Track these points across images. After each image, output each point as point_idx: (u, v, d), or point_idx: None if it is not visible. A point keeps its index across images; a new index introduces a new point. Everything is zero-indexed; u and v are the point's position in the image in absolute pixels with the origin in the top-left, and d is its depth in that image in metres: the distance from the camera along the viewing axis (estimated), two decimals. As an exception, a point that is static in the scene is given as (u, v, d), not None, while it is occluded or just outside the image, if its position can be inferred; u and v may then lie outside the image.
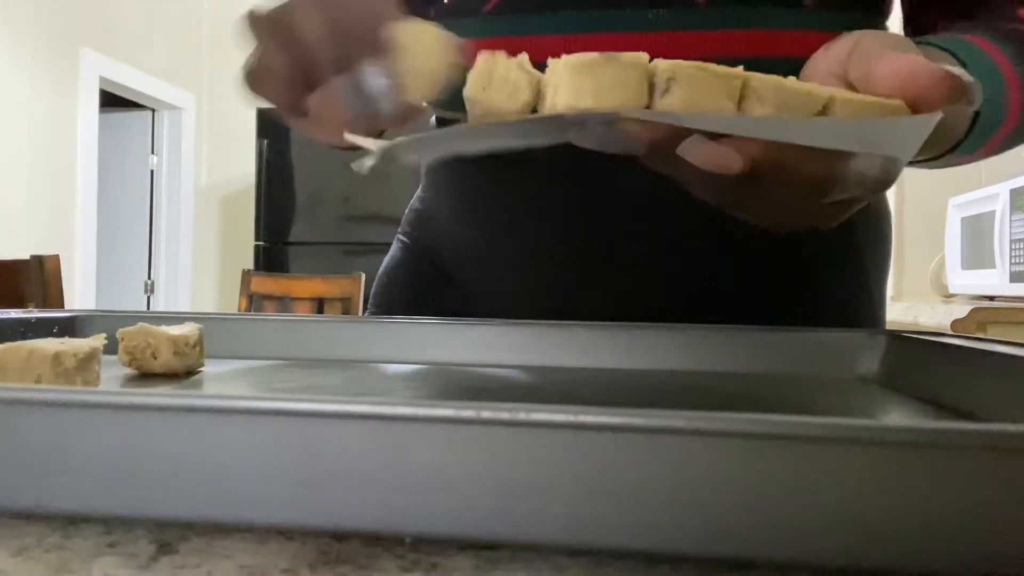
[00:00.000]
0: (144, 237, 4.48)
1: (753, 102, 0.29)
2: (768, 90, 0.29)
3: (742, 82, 0.29)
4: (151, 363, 0.42)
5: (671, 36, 0.53)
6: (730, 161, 0.29)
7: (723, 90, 0.29)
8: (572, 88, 0.29)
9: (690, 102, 0.29)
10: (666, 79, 0.29)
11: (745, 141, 0.29)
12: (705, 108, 0.29)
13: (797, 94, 0.29)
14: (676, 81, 0.29)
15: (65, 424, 0.22)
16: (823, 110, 0.29)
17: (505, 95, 0.33)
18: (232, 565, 0.19)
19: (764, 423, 0.19)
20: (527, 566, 0.19)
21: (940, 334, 0.45)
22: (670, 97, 0.29)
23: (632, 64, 0.29)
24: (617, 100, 0.29)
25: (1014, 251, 1.64)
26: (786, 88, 0.29)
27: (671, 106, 0.29)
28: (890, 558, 0.19)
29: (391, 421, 0.20)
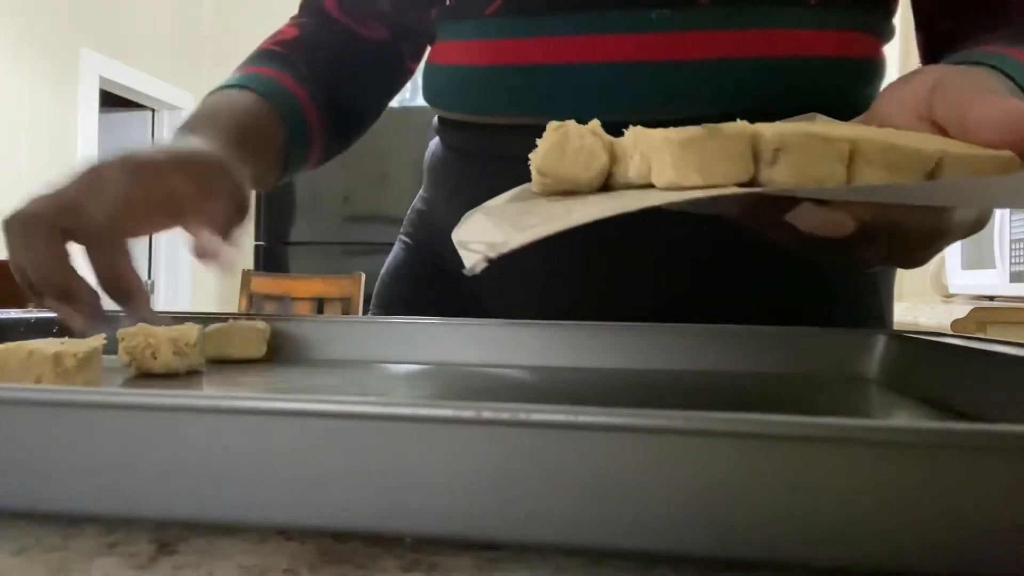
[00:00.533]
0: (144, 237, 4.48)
1: (862, 165, 0.28)
2: (876, 152, 0.28)
3: (850, 145, 0.28)
4: (151, 363, 0.42)
5: (674, 37, 0.52)
6: (842, 226, 0.29)
7: (832, 155, 0.28)
8: (674, 164, 0.28)
9: (800, 170, 0.28)
10: (773, 149, 0.28)
11: (856, 204, 0.29)
12: (815, 175, 0.28)
13: (907, 153, 0.28)
14: (784, 151, 0.28)
15: (65, 424, 0.22)
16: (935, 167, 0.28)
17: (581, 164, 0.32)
18: (232, 565, 0.19)
19: (764, 423, 0.19)
20: (527, 566, 0.19)
21: (940, 334, 0.45)
22: (779, 167, 0.28)
23: (737, 136, 0.28)
24: (723, 175, 0.28)
25: (1014, 251, 1.64)
26: (895, 148, 0.28)
27: (780, 175, 0.28)
28: (890, 558, 0.19)
29: (391, 421, 0.20)
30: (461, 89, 0.59)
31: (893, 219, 0.30)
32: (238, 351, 0.48)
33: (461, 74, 0.59)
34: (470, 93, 0.59)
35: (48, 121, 3.48)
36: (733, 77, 0.52)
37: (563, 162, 0.32)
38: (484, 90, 0.58)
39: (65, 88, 3.58)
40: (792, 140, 0.28)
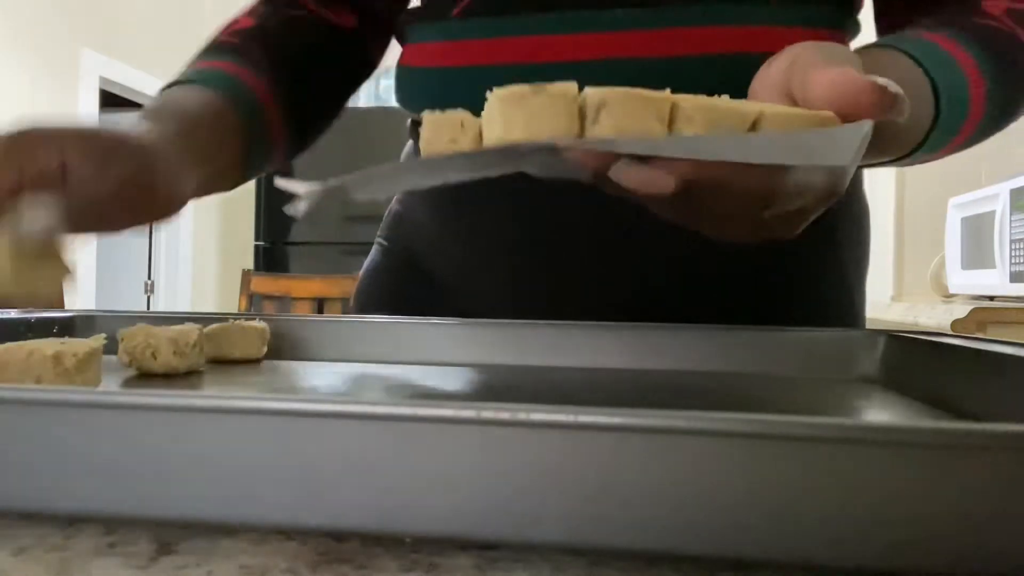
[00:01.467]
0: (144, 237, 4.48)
1: (683, 123, 0.29)
2: (697, 111, 0.29)
3: (671, 104, 0.29)
4: (151, 363, 0.42)
5: (633, 35, 0.53)
6: (662, 182, 0.30)
7: (653, 113, 0.29)
8: (503, 121, 0.30)
9: (620, 127, 0.29)
10: (596, 105, 0.29)
11: (675, 162, 0.30)
12: (635, 131, 0.29)
13: (726, 112, 0.29)
14: (605, 108, 0.29)
15: (65, 424, 0.22)
16: (753, 126, 0.30)
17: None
18: (232, 565, 0.19)
19: (764, 423, 0.19)
20: (527, 566, 0.19)
21: (940, 334, 0.45)
22: (601, 124, 0.29)
23: (561, 93, 0.29)
24: (548, 130, 0.29)
25: (1014, 251, 1.64)
26: (715, 107, 0.29)
27: (602, 132, 0.29)
28: (890, 558, 0.19)
29: (391, 421, 0.20)
30: (430, 91, 0.60)
31: (716, 177, 0.30)
32: (238, 351, 0.48)
33: (429, 76, 0.59)
34: (438, 95, 0.59)
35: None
36: (695, 74, 0.53)
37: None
38: (452, 91, 0.58)
39: (65, 88, 3.58)
40: (613, 98, 0.29)
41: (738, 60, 0.53)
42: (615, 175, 0.30)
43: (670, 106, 0.29)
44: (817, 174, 0.33)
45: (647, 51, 0.53)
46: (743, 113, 0.29)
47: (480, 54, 0.56)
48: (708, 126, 0.29)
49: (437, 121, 0.34)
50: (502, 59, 0.55)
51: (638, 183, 0.30)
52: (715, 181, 0.30)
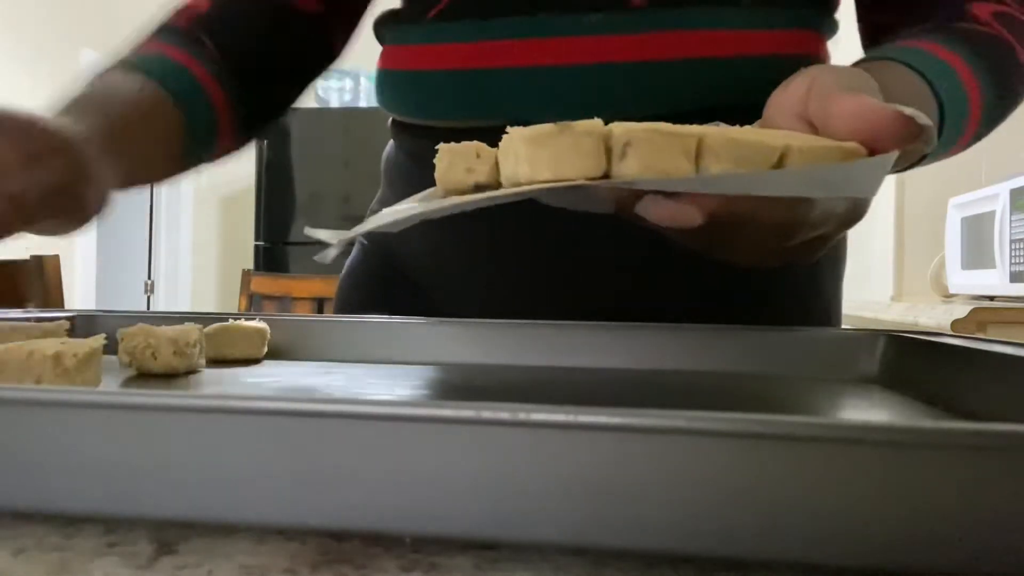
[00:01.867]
0: (144, 237, 4.48)
1: (709, 159, 0.29)
2: (723, 146, 0.29)
3: (697, 139, 0.29)
4: (151, 363, 0.42)
5: (610, 40, 0.53)
6: (689, 217, 0.30)
7: (679, 149, 0.29)
8: (529, 161, 0.30)
9: (648, 164, 0.29)
10: (622, 144, 0.29)
11: (702, 196, 0.30)
12: (663, 169, 0.29)
13: (752, 147, 0.29)
14: (632, 145, 0.29)
15: (65, 424, 0.22)
16: (780, 159, 0.30)
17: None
18: (232, 565, 0.19)
19: (764, 423, 0.19)
20: (527, 566, 0.19)
21: (940, 334, 0.45)
22: (628, 161, 0.29)
23: (587, 132, 0.29)
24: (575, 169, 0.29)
25: (1014, 251, 1.64)
26: (740, 142, 0.29)
27: (630, 169, 0.29)
28: (890, 558, 0.19)
29: (391, 421, 0.20)
30: (408, 93, 0.60)
31: (742, 210, 0.31)
32: (238, 351, 0.48)
33: (406, 78, 0.59)
34: (415, 97, 0.59)
35: (48, 121, 3.48)
36: (670, 78, 0.53)
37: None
38: (430, 94, 0.58)
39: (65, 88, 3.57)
40: (639, 135, 0.29)
41: (710, 64, 0.54)
42: (642, 210, 0.31)
43: (696, 141, 0.29)
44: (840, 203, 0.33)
45: (626, 56, 0.53)
46: (770, 147, 0.29)
47: (455, 58, 0.56)
48: (736, 161, 0.29)
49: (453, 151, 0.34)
50: (479, 63, 0.55)
51: (666, 218, 0.30)
52: (740, 214, 0.31)
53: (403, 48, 0.60)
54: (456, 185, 0.34)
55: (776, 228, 0.32)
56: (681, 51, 0.53)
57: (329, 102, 3.84)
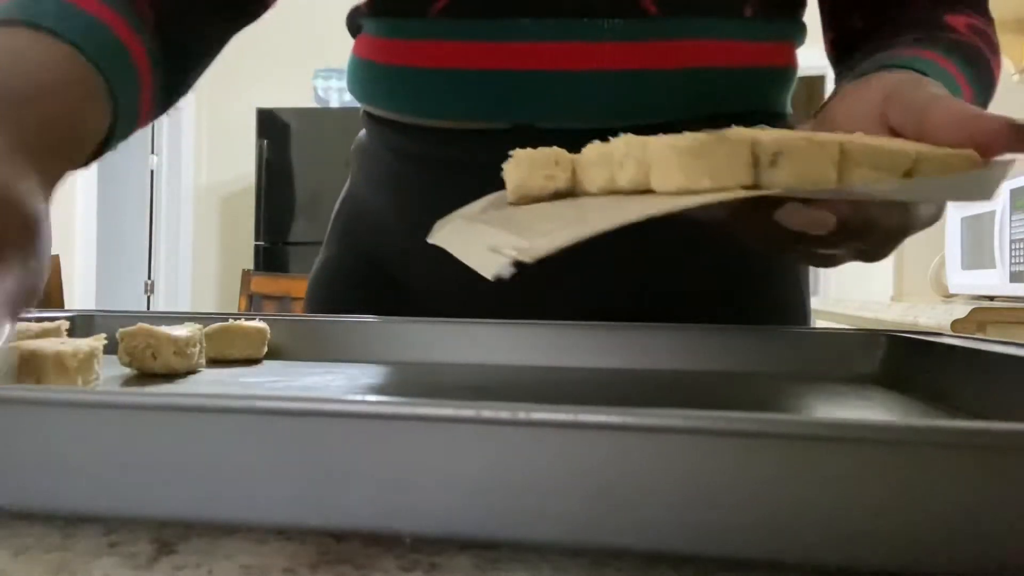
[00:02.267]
0: (144, 237, 4.48)
1: (851, 166, 0.30)
2: (863, 154, 0.30)
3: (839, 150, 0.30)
4: (151, 363, 0.42)
5: (625, 46, 0.53)
6: (827, 223, 0.32)
7: (826, 158, 0.30)
8: (682, 169, 0.30)
9: (798, 173, 0.30)
10: (772, 152, 0.30)
11: (838, 203, 0.32)
12: (812, 176, 0.30)
13: (888, 154, 0.30)
14: (783, 155, 0.29)
15: (65, 424, 0.22)
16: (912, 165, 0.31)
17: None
18: (232, 565, 0.19)
19: (764, 423, 0.19)
20: (527, 566, 0.19)
21: (940, 334, 0.45)
22: (779, 170, 0.30)
23: (741, 141, 0.30)
24: (730, 177, 0.30)
25: (1014, 251, 1.64)
26: (878, 149, 0.30)
27: (780, 178, 0.30)
28: (890, 558, 0.19)
29: (391, 421, 0.20)
30: (399, 90, 0.58)
31: (870, 215, 0.33)
32: (238, 351, 0.48)
33: (400, 74, 0.58)
34: (409, 95, 0.58)
35: (48, 121, 3.48)
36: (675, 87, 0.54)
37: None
38: (424, 93, 0.57)
39: None
40: (790, 144, 0.30)
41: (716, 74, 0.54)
42: (783, 218, 0.32)
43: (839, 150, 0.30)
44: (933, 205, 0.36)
45: (628, 63, 0.53)
46: (904, 153, 0.31)
47: (458, 57, 0.55)
48: (873, 167, 0.30)
49: (532, 158, 0.34)
50: (486, 64, 0.55)
51: (806, 224, 0.32)
52: (868, 219, 0.33)
53: (396, 42, 0.58)
54: (534, 192, 0.35)
55: (889, 231, 0.34)
56: (686, 60, 0.53)
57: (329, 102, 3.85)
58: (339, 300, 0.65)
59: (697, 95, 0.54)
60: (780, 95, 0.60)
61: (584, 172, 0.34)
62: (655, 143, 0.31)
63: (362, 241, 0.65)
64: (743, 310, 0.58)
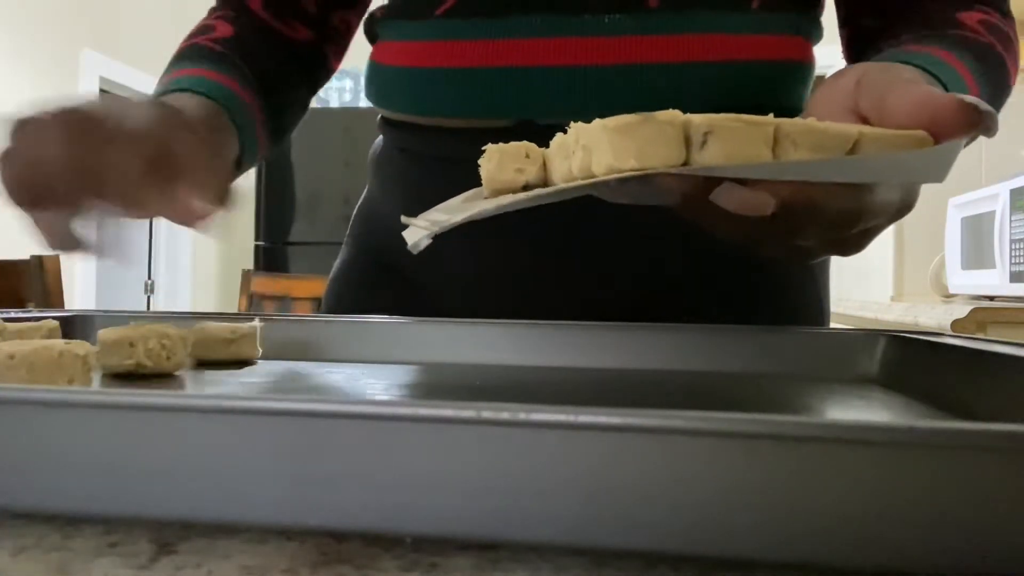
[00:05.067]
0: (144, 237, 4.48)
1: (787, 146, 0.30)
2: (800, 134, 0.30)
3: (774, 128, 0.30)
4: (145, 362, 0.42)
5: (628, 41, 0.53)
6: (764, 204, 0.31)
7: (759, 138, 0.29)
8: (612, 150, 0.30)
9: (729, 152, 0.29)
10: (703, 133, 0.29)
11: (777, 184, 0.31)
12: (743, 156, 0.29)
13: (828, 135, 0.30)
14: (713, 134, 0.29)
15: (65, 424, 0.22)
16: (853, 147, 0.30)
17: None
18: (232, 565, 0.19)
19: (764, 423, 0.19)
20: (527, 566, 0.19)
21: (940, 334, 0.45)
22: (709, 150, 0.30)
23: (669, 121, 0.30)
24: (659, 158, 0.30)
25: (1014, 251, 1.64)
26: (817, 130, 0.30)
27: (712, 158, 0.29)
28: (890, 558, 0.19)
29: (391, 421, 0.20)
30: (409, 90, 0.59)
31: (812, 197, 0.31)
32: (234, 351, 0.48)
33: (409, 75, 0.59)
34: (418, 95, 0.59)
35: (48, 121, 3.48)
36: (679, 81, 0.53)
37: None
38: (433, 92, 0.57)
39: (65, 88, 3.58)
40: (721, 124, 0.29)
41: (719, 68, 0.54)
42: (717, 197, 0.31)
43: (774, 130, 0.30)
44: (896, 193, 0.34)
45: (641, 57, 0.53)
46: (845, 135, 0.30)
47: (464, 56, 0.56)
48: (812, 149, 0.30)
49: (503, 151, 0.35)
50: (486, 62, 0.55)
51: (740, 204, 0.31)
52: (811, 202, 0.31)
53: (405, 44, 0.59)
54: (505, 185, 0.35)
55: (840, 216, 0.33)
56: (690, 54, 0.53)
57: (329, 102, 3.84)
58: (356, 301, 0.66)
59: (703, 89, 0.54)
60: (793, 90, 0.59)
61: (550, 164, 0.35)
62: (591, 126, 0.31)
63: (377, 243, 0.66)
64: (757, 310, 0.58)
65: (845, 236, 0.35)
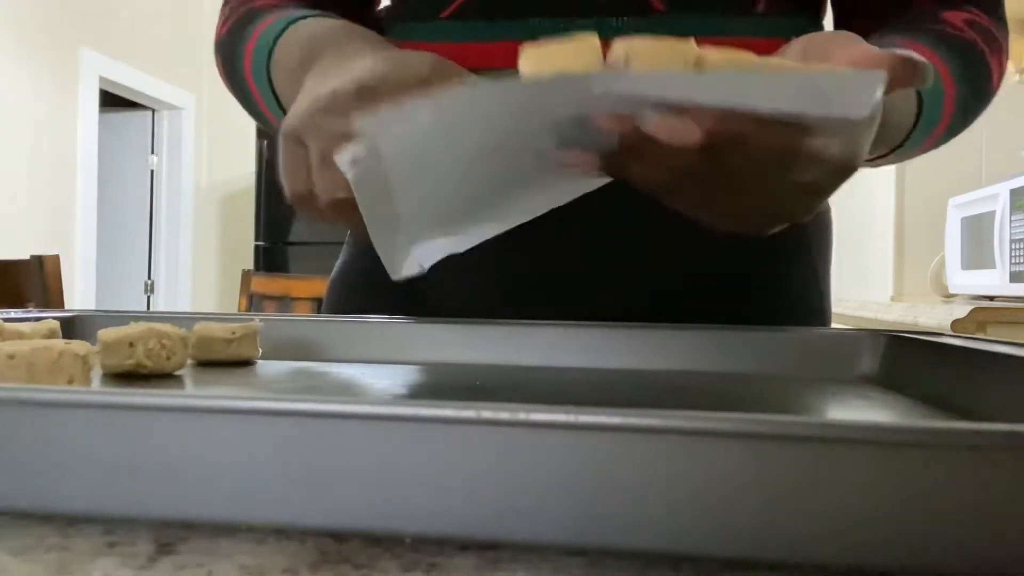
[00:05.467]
0: (144, 237, 4.48)
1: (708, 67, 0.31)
2: (722, 62, 0.31)
3: (695, 56, 0.31)
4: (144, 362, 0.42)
5: None
6: (688, 132, 0.30)
7: (679, 61, 0.30)
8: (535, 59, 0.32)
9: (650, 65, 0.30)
10: (624, 55, 0.30)
11: (701, 113, 0.31)
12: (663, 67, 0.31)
13: (750, 64, 0.31)
14: (633, 56, 0.30)
15: (65, 424, 0.22)
16: None
17: None
18: (232, 565, 0.19)
19: (764, 423, 0.19)
20: (527, 566, 0.19)
21: (940, 334, 0.45)
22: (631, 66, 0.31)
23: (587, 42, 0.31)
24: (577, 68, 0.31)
25: (1014, 251, 1.64)
26: (738, 60, 0.31)
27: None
28: (890, 558, 0.19)
29: (391, 421, 0.20)
30: None
31: (739, 129, 0.31)
32: (234, 351, 0.48)
33: None
34: None
35: (48, 121, 3.48)
36: None
37: None
38: None
39: (65, 88, 3.58)
40: (642, 46, 0.31)
41: None
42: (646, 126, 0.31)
43: (695, 56, 0.31)
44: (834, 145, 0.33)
45: None
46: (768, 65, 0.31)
47: (472, 57, 0.55)
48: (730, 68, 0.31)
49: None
50: (495, 64, 0.55)
51: (667, 132, 0.31)
52: (738, 133, 0.31)
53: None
54: None
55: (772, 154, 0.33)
56: None
57: (329, 102, 3.84)
58: (356, 302, 0.66)
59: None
60: None
61: None
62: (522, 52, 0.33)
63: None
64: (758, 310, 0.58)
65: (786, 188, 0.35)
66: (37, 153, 3.42)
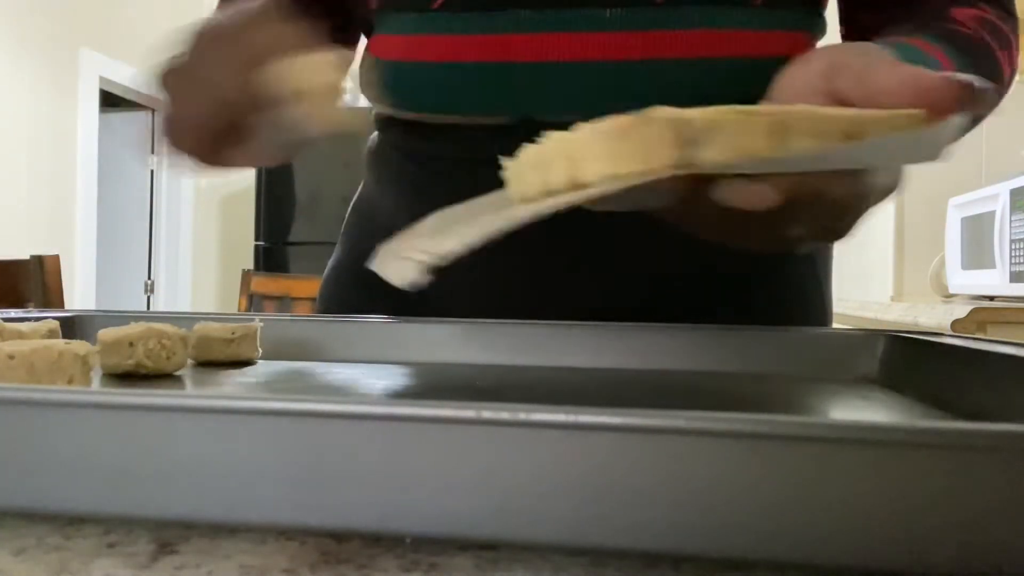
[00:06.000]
0: (144, 237, 4.48)
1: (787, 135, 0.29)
2: (801, 121, 0.29)
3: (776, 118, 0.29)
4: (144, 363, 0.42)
5: (628, 36, 0.53)
6: (767, 198, 0.30)
7: (761, 129, 0.28)
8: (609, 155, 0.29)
9: (731, 147, 0.28)
10: (703, 130, 0.28)
11: (780, 176, 0.30)
12: (744, 150, 0.28)
13: (825, 119, 0.29)
14: (714, 130, 0.28)
15: (65, 424, 0.22)
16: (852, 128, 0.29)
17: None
18: (232, 565, 0.19)
19: (764, 423, 0.19)
20: (527, 566, 0.19)
21: (940, 334, 0.45)
22: (710, 147, 0.28)
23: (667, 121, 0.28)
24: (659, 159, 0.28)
25: (1014, 251, 1.64)
26: (819, 116, 0.29)
27: (712, 154, 0.28)
28: (890, 558, 0.19)
29: (391, 421, 0.20)
30: (403, 86, 0.58)
31: (815, 187, 0.31)
32: (234, 351, 0.48)
33: (404, 70, 0.57)
34: (413, 90, 0.57)
35: (48, 121, 3.48)
36: (683, 77, 0.53)
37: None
38: (428, 88, 0.56)
39: (65, 88, 3.58)
40: (721, 118, 0.28)
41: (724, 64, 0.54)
42: (719, 194, 0.30)
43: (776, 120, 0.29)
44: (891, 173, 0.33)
45: (642, 53, 0.53)
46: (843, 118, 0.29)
47: (461, 50, 0.55)
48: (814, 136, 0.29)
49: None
50: (486, 56, 0.54)
51: (743, 200, 0.30)
52: (815, 191, 0.31)
53: (400, 38, 0.57)
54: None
55: (839, 203, 0.33)
56: (689, 51, 0.53)
57: (329, 102, 3.84)
58: (350, 300, 0.65)
59: (705, 86, 0.53)
60: None
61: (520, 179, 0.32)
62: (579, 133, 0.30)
63: (372, 242, 0.65)
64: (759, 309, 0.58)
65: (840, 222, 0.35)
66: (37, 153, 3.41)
